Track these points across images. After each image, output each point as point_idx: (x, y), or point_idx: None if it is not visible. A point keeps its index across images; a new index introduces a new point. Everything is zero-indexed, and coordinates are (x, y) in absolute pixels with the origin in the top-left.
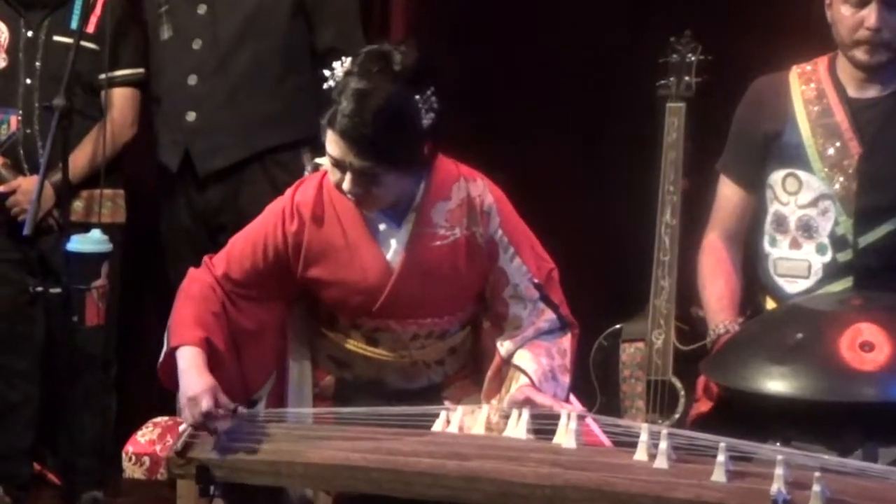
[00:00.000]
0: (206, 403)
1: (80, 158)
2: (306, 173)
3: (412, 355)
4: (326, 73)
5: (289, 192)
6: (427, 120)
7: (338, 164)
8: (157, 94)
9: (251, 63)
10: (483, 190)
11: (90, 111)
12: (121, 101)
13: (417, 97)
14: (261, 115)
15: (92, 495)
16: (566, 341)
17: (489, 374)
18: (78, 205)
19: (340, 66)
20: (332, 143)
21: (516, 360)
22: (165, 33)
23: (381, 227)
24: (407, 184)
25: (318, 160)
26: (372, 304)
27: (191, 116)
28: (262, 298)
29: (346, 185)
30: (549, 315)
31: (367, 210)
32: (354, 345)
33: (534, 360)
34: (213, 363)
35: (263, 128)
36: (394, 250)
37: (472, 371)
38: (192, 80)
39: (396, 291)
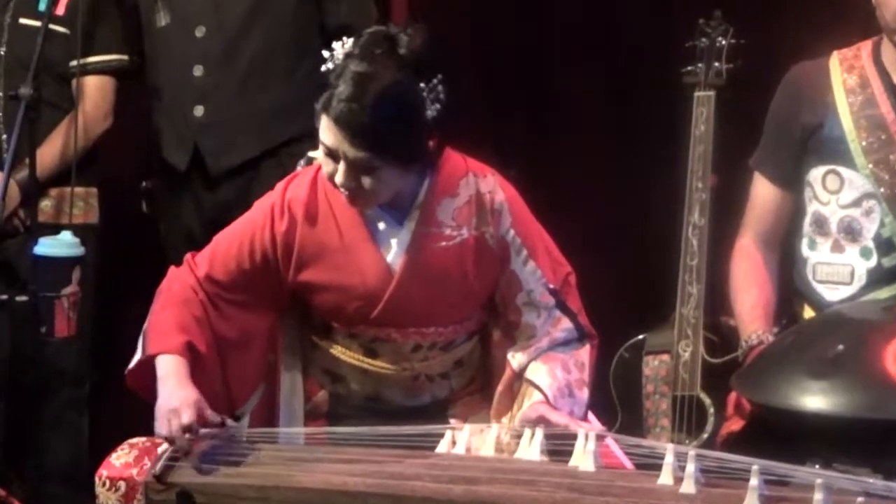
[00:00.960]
0: (187, 416)
1: (49, 153)
2: (299, 167)
3: (414, 368)
4: (326, 53)
5: (279, 186)
6: (432, 112)
7: (331, 153)
8: (157, 87)
9: (261, 49)
10: (494, 186)
11: (60, 101)
12: (94, 90)
13: (422, 86)
14: (275, 106)
15: None
16: (584, 353)
17: (499, 389)
18: (46, 204)
19: (341, 47)
20: (326, 130)
21: (529, 373)
22: (162, 20)
23: (381, 226)
24: (407, 180)
25: (311, 153)
26: (370, 311)
27: (199, 111)
28: (249, 304)
29: (338, 178)
30: (566, 324)
31: (361, 207)
32: (351, 356)
33: (549, 373)
34: (196, 372)
35: (278, 119)
36: (394, 252)
37: (480, 386)
38: (198, 70)
39: (397, 297)
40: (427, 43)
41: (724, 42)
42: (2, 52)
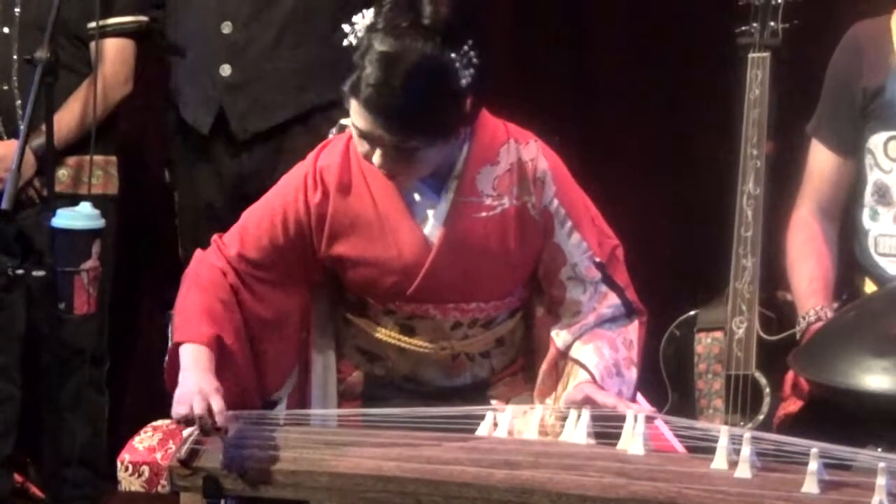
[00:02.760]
0: (197, 406)
1: (67, 120)
2: (331, 135)
3: (454, 347)
4: (346, 28)
5: (310, 156)
6: (466, 79)
7: (366, 136)
8: (179, 43)
9: (297, 6)
10: (536, 153)
11: (78, 65)
12: (114, 53)
13: (454, 55)
14: (309, 68)
15: None
16: (632, 330)
17: (543, 368)
18: (64, 174)
19: (361, 19)
20: (358, 115)
21: (574, 352)
22: None
23: (417, 197)
24: (447, 152)
25: (343, 121)
26: (407, 287)
27: (225, 70)
28: (283, 282)
29: (376, 160)
30: (613, 300)
31: (401, 183)
32: (387, 334)
33: (595, 352)
34: (223, 363)
35: (312, 82)
36: (432, 224)
37: (522, 366)
38: (227, 28)
39: (435, 271)
40: (453, 7)
41: (779, 0)
42: (16, 13)
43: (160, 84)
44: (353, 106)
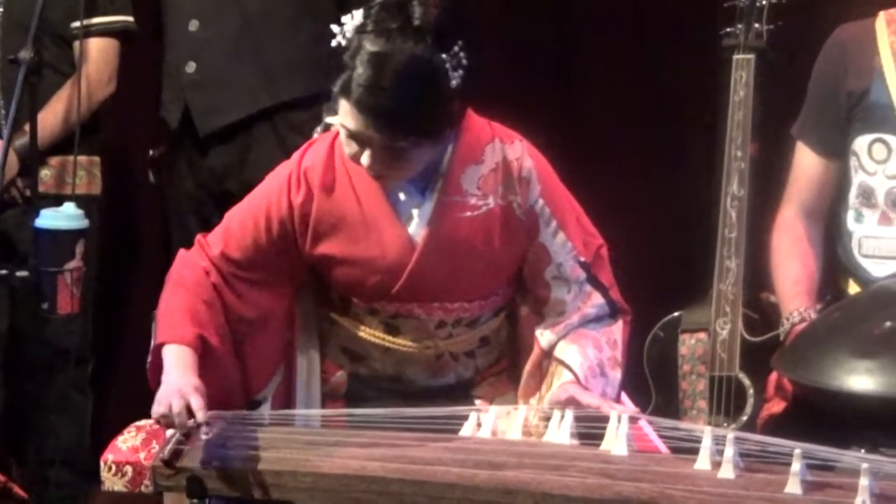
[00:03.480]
0: (175, 405)
1: (50, 120)
2: (315, 135)
3: (438, 346)
4: (335, 28)
5: (295, 156)
6: (456, 80)
7: (355, 137)
8: (164, 43)
9: (258, 5)
10: (521, 153)
11: (62, 65)
12: (98, 53)
13: (444, 56)
14: (271, 67)
15: None
16: (617, 330)
17: (527, 368)
18: (47, 174)
19: (350, 20)
20: (348, 115)
21: (559, 352)
22: None
23: (402, 196)
24: (435, 153)
25: (328, 119)
26: (391, 286)
27: (190, 67)
28: (266, 282)
29: (365, 161)
30: (598, 299)
31: (387, 184)
32: (371, 333)
33: (579, 352)
34: (207, 363)
35: (273, 81)
36: (416, 223)
37: (507, 366)
38: (193, 25)
39: (420, 271)
40: (443, 9)
41: (764, 2)
42: None
43: (144, 84)
44: (343, 107)
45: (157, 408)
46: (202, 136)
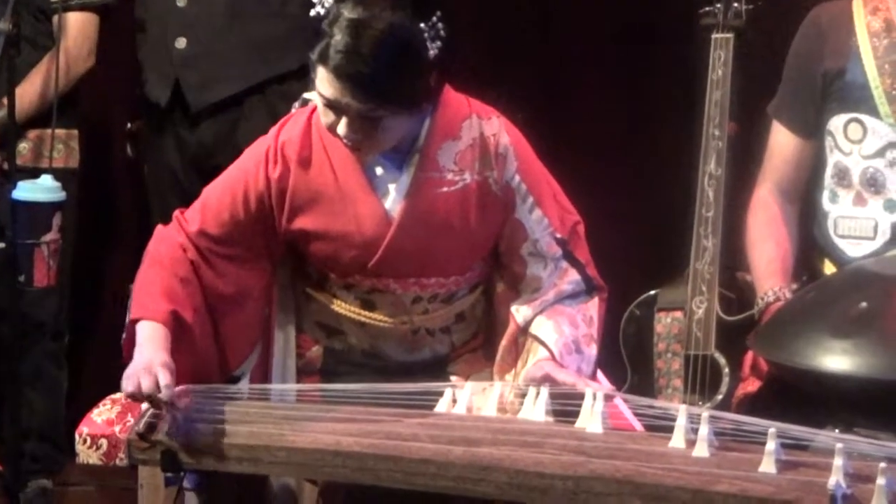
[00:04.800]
0: (144, 382)
1: (29, 93)
2: (294, 109)
3: (414, 321)
4: None
5: (273, 131)
6: (433, 50)
7: (332, 105)
8: (141, 18)
9: None
10: (499, 129)
11: (40, 39)
12: (76, 27)
13: (422, 25)
14: (262, 40)
15: (40, 484)
16: (592, 307)
17: (503, 344)
18: (25, 147)
19: None
20: (325, 83)
21: (535, 329)
22: None
23: (379, 171)
24: (411, 125)
25: (307, 94)
26: (367, 260)
27: (181, 43)
28: (244, 258)
29: (341, 130)
30: (574, 276)
31: (364, 156)
32: (347, 308)
33: (555, 329)
34: (182, 339)
35: (266, 54)
36: (393, 198)
37: (482, 342)
38: (182, 1)
39: (396, 245)
40: None
41: None
42: None
43: (123, 58)
44: (321, 74)
45: (126, 384)
46: (195, 112)
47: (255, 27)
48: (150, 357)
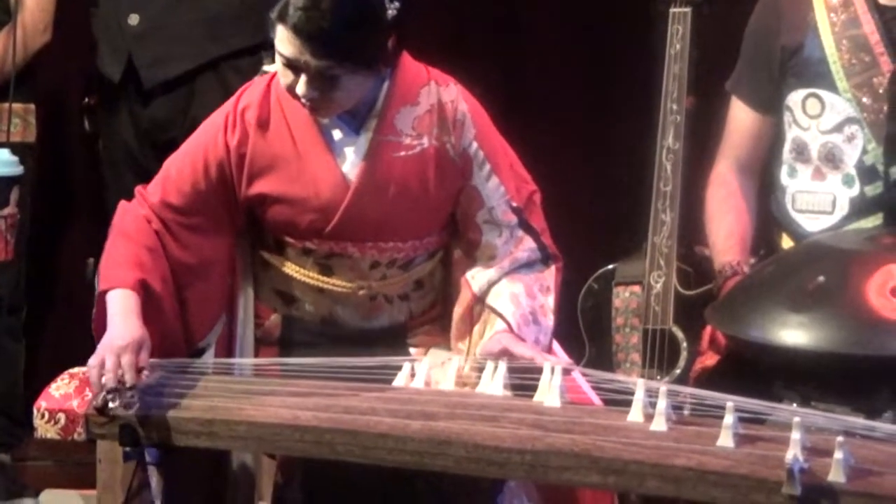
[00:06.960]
0: (108, 362)
1: None
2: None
3: (371, 287)
4: None
5: (232, 98)
6: (392, 10)
7: (290, 64)
8: None
9: None
10: (456, 96)
11: None
12: (34, 2)
13: None
14: (215, 17)
15: None
16: (549, 276)
17: (458, 311)
18: None
19: None
20: (284, 41)
21: (491, 300)
22: None
23: (337, 134)
24: (369, 85)
25: (266, 67)
26: (325, 225)
27: (133, 20)
28: (207, 228)
29: (300, 89)
30: (529, 244)
31: (323, 116)
32: (305, 274)
33: (511, 300)
34: (150, 309)
35: (218, 31)
36: (350, 161)
37: (441, 313)
38: None
39: (353, 209)
40: None
41: None
42: None
43: (80, 33)
44: (280, 33)
45: (92, 361)
46: (147, 88)
47: (207, 4)
48: (123, 332)
